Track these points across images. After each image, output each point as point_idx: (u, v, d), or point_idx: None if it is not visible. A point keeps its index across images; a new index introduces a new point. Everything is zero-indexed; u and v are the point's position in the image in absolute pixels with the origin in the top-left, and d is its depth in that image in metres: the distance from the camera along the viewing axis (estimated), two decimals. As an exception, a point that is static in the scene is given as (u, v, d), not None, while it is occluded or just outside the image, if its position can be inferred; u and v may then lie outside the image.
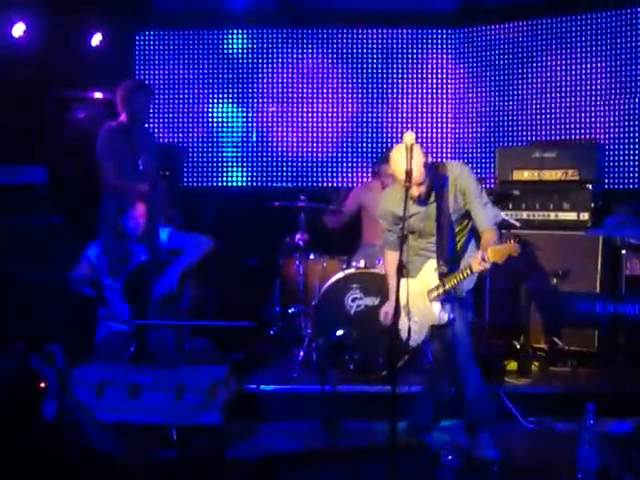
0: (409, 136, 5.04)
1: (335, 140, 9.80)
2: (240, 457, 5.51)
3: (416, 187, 5.39)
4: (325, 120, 9.80)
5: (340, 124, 9.79)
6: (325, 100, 9.78)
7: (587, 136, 8.99)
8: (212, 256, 6.65)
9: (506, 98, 9.53)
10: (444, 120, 9.84)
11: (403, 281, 5.95)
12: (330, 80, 9.77)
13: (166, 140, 9.70)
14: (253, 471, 4.50)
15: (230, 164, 9.80)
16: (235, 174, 9.79)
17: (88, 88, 8.62)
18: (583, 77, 9.03)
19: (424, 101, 9.80)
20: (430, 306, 5.64)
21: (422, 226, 5.65)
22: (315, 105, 9.78)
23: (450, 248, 5.66)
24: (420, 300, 5.59)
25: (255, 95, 9.78)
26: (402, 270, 4.92)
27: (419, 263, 5.73)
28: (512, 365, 7.35)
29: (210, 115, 9.78)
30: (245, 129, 9.78)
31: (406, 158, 5.08)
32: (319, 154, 9.79)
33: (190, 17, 9.62)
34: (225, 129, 9.79)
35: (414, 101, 9.78)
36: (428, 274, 5.68)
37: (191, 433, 4.93)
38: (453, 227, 5.65)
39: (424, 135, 9.70)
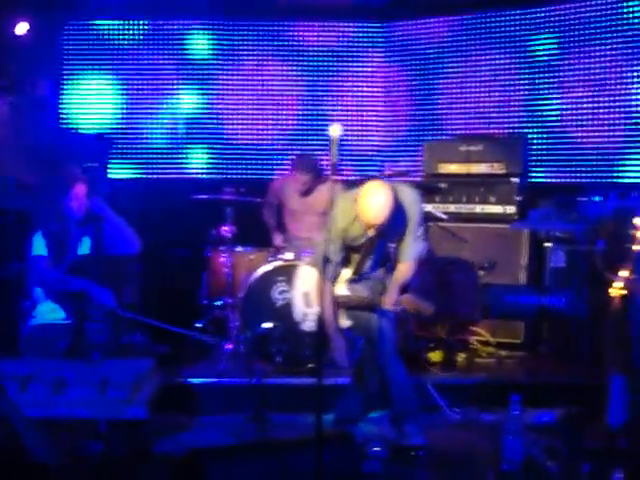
0: (335, 129, 5.03)
1: (264, 132, 9.77)
2: (167, 451, 5.49)
3: (372, 228, 5.48)
4: (254, 112, 9.76)
5: (269, 117, 9.77)
6: (254, 93, 9.75)
7: (513, 130, 9.09)
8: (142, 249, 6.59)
9: (434, 92, 9.59)
10: (373, 113, 9.87)
11: (311, 270, 6.46)
12: (259, 73, 9.74)
13: (92, 131, 9.59)
14: (180, 465, 4.48)
15: (157, 155, 9.72)
16: (162, 165, 9.73)
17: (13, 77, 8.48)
18: (509, 72, 9.12)
19: (353, 94, 9.82)
20: None
21: (361, 243, 5.70)
22: (243, 98, 9.74)
23: (371, 266, 5.76)
24: None
25: (184, 86, 9.72)
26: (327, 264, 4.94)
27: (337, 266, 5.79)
28: (438, 356, 7.40)
29: (138, 106, 9.69)
30: (173, 120, 9.72)
31: (332, 151, 5.07)
32: (247, 146, 9.76)
33: (119, 7, 9.52)
34: (153, 120, 9.71)
35: (343, 94, 9.80)
36: (340, 282, 5.75)
37: (116, 428, 4.88)
38: (383, 248, 5.69)
39: (353, 128, 9.72)
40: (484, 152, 8.21)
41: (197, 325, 7.64)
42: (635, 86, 8.40)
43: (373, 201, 5.39)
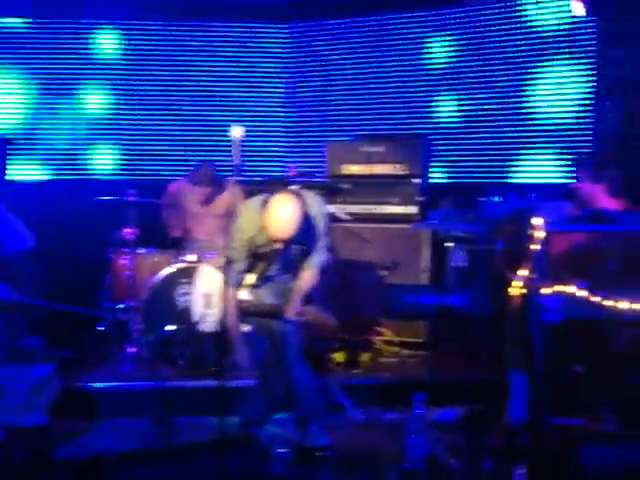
0: (237, 130, 5.02)
1: (168, 133, 9.71)
2: (68, 457, 5.39)
3: (279, 242, 5.46)
4: (158, 113, 9.70)
5: (173, 117, 9.71)
6: (158, 93, 9.68)
7: (414, 131, 9.18)
8: (42, 251, 6.48)
9: (336, 93, 9.64)
10: (276, 114, 9.87)
11: (213, 271, 6.74)
12: (160, 74, 9.68)
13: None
14: (82, 471, 4.42)
15: (61, 156, 9.58)
16: (66, 167, 9.58)
17: None
18: (410, 73, 9.23)
19: (255, 95, 9.81)
20: None
21: (266, 251, 5.67)
22: (147, 98, 9.67)
23: (276, 271, 5.75)
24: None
25: (88, 86, 9.59)
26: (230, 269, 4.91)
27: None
28: (342, 357, 7.43)
29: (41, 106, 9.53)
30: (77, 121, 9.59)
31: (235, 152, 5.05)
32: (151, 147, 9.69)
33: (24, 5, 9.36)
34: (56, 120, 9.56)
35: (245, 96, 9.78)
36: (243, 287, 5.73)
37: (15, 435, 4.80)
38: (288, 254, 5.68)
39: (255, 130, 9.70)
40: (386, 153, 8.27)
41: (99, 328, 7.54)
42: (529, 88, 8.58)
43: (282, 216, 5.34)
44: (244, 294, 5.73)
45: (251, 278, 5.73)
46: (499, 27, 8.75)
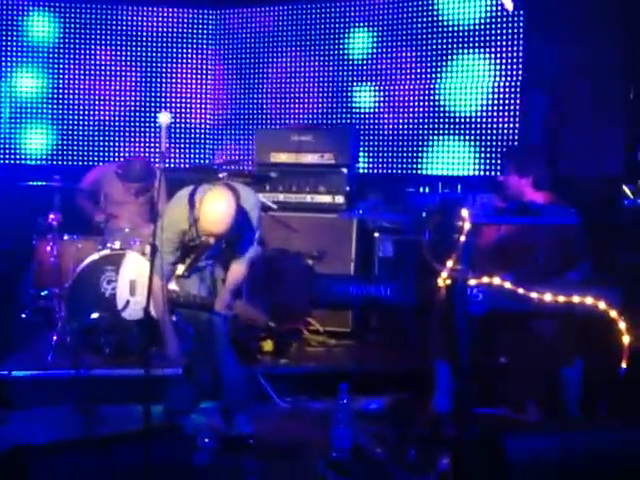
0: (164, 116, 4.94)
1: (92, 118, 9.59)
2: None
3: (212, 237, 5.40)
4: (83, 99, 9.58)
5: (98, 103, 9.60)
6: (82, 78, 9.56)
7: (343, 120, 9.21)
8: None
9: (265, 80, 9.61)
10: (203, 101, 9.81)
11: (137, 257, 6.78)
12: (90, 58, 9.55)
13: None
14: (4, 463, 4.34)
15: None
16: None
17: None
18: (338, 63, 9.23)
19: (183, 82, 9.75)
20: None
21: (197, 243, 5.62)
22: (72, 83, 9.55)
23: (204, 262, 5.73)
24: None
25: (18, 69, 9.45)
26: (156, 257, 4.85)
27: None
28: (268, 345, 7.41)
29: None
30: (2, 104, 9.44)
31: (162, 138, 4.98)
32: (75, 132, 9.57)
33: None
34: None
35: (173, 81, 9.71)
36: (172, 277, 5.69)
37: None
38: (219, 247, 5.64)
39: (183, 116, 9.65)
40: (314, 142, 8.27)
41: (23, 315, 7.44)
42: (455, 80, 8.66)
43: (216, 211, 5.26)
44: (171, 284, 5.69)
45: (180, 269, 5.69)
46: (425, 18, 8.79)
